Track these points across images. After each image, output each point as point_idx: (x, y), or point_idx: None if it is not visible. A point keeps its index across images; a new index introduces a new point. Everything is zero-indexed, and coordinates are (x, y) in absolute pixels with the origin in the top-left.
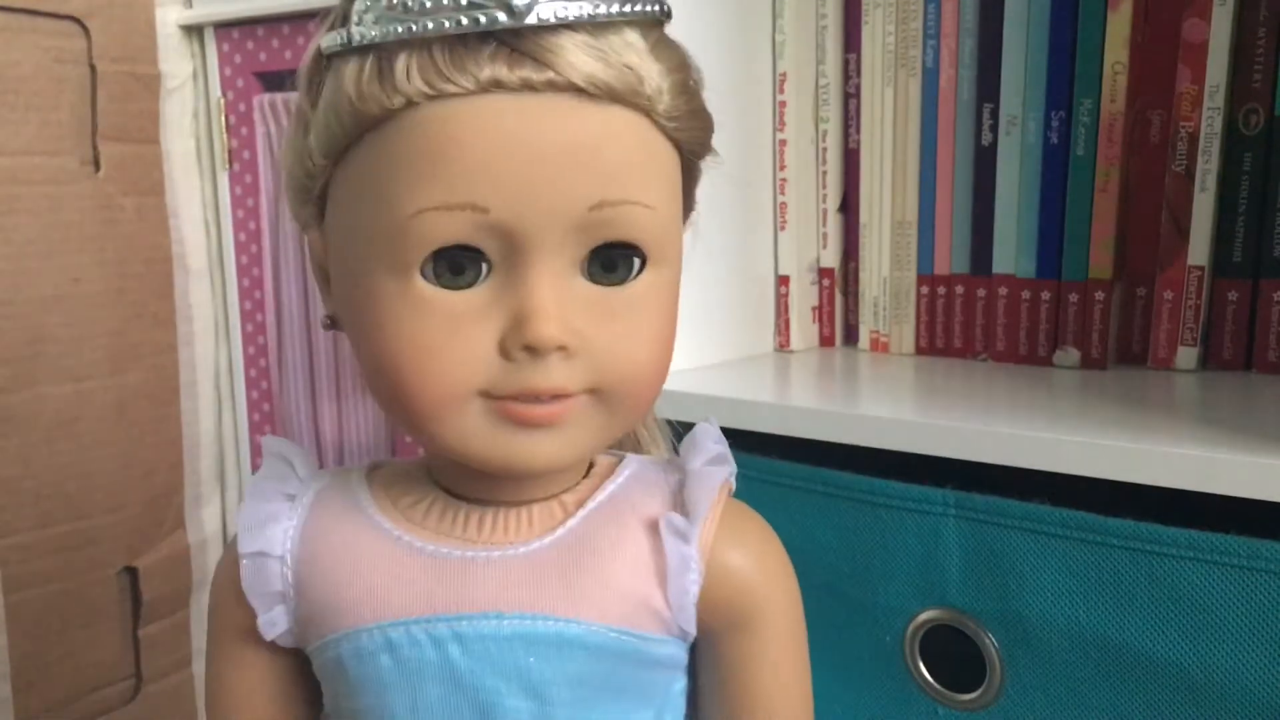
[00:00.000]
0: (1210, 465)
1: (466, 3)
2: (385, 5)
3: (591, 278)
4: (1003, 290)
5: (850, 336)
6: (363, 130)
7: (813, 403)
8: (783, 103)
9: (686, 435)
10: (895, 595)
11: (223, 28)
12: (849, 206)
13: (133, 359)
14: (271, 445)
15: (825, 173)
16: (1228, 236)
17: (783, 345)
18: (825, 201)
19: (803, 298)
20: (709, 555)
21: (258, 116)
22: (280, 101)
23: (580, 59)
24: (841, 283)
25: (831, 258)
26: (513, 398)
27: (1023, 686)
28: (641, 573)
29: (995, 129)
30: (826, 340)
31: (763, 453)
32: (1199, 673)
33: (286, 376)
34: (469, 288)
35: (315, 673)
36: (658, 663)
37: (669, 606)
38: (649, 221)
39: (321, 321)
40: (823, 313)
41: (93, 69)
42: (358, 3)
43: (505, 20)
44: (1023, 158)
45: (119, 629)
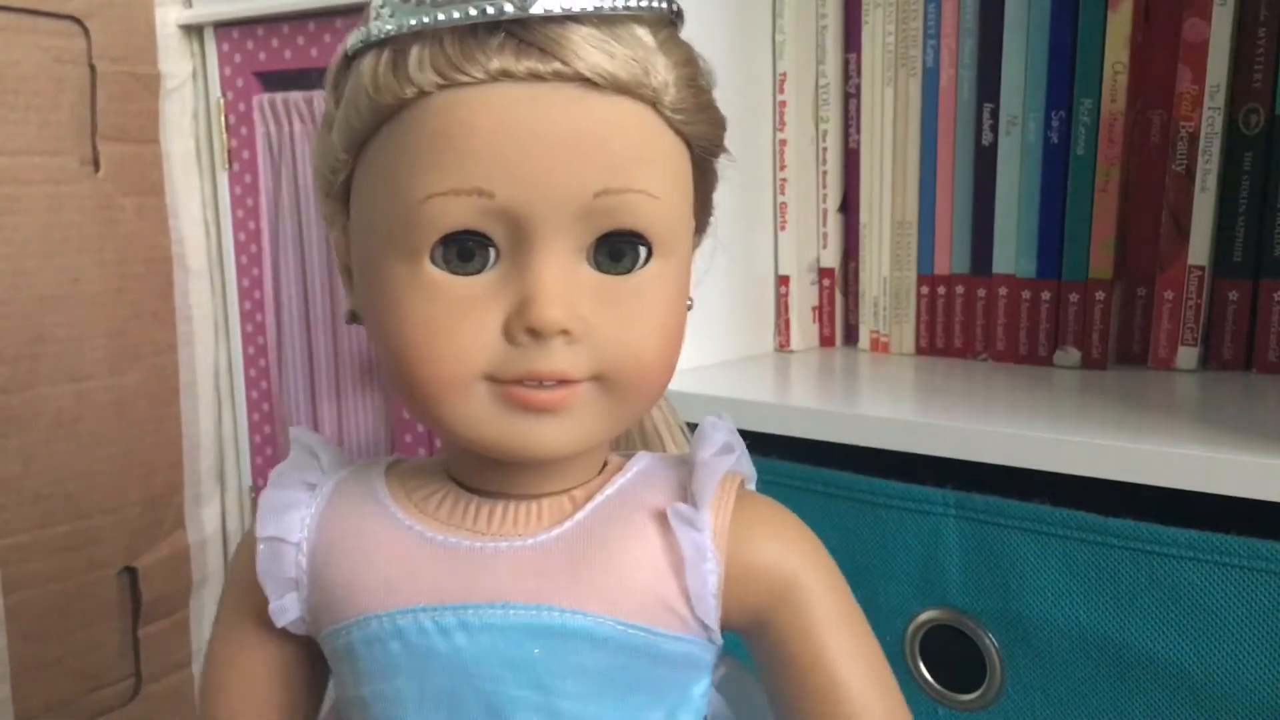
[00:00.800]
0: (1210, 465)
1: None
2: (401, 0)
3: (598, 266)
4: (1003, 290)
5: (850, 336)
6: (379, 121)
7: (813, 403)
8: (783, 103)
9: (695, 431)
10: (895, 595)
11: (222, 27)
12: (849, 206)
13: (132, 359)
14: (299, 436)
15: (825, 173)
16: (1228, 236)
17: (783, 345)
18: (825, 201)
19: (803, 298)
20: (727, 546)
21: (257, 116)
22: (280, 101)
23: (586, 50)
24: (841, 283)
25: (831, 258)
26: (516, 381)
27: (1023, 686)
28: (654, 567)
29: (995, 129)
30: (826, 340)
31: (763, 453)
32: (1199, 672)
33: (286, 376)
34: (477, 274)
35: (327, 659)
36: (671, 660)
37: (687, 599)
38: (654, 211)
39: (345, 317)
40: (823, 313)
41: (92, 69)
42: (376, 0)
43: (511, 11)
44: (1023, 158)
45: (119, 629)
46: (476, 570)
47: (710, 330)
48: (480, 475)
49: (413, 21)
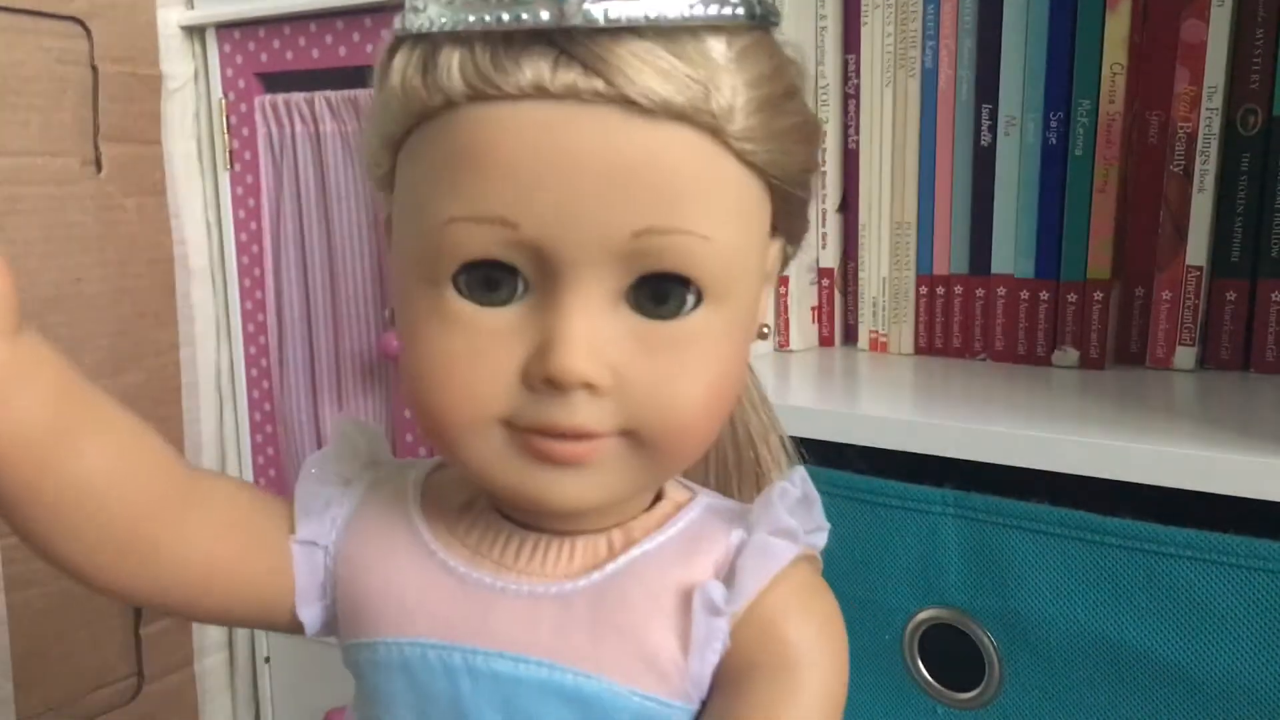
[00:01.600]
0: (1208, 464)
1: None
2: None
3: (638, 308)
4: (1001, 290)
5: (850, 336)
6: (411, 124)
7: (812, 402)
8: None
9: (765, 489)
10: (894, 594)
11: (224, 29)
12: (848, 207)
13: (134, 359)
14: (339, 426)
15: (824, 173)
16: (1226, 237)
17: (782, 345)
18: (824, 201)
19: (802, 298)
20: (739, 626)
21: (259, 117)
22: (281, 102)
23: (635, 68)
24: (841, 283)
25: (831, 258)
26: (535, 431)
27: (1021, 685)
28: (669, 635)
29: (994, 129)
30: (826, 340)
31: None
32: (1197, 671)
33: (287, 376)
34: (503, 305)
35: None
36: None
37: (686, 675)
38: (704, 253)
39: (385, 318)
40: (822, 313)
41: (94, 70)
42: None
43: (548, 19)
44: (1021, 158)
45: (120, 628)
46: (492, 611)
47: None
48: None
49: (444, 20)
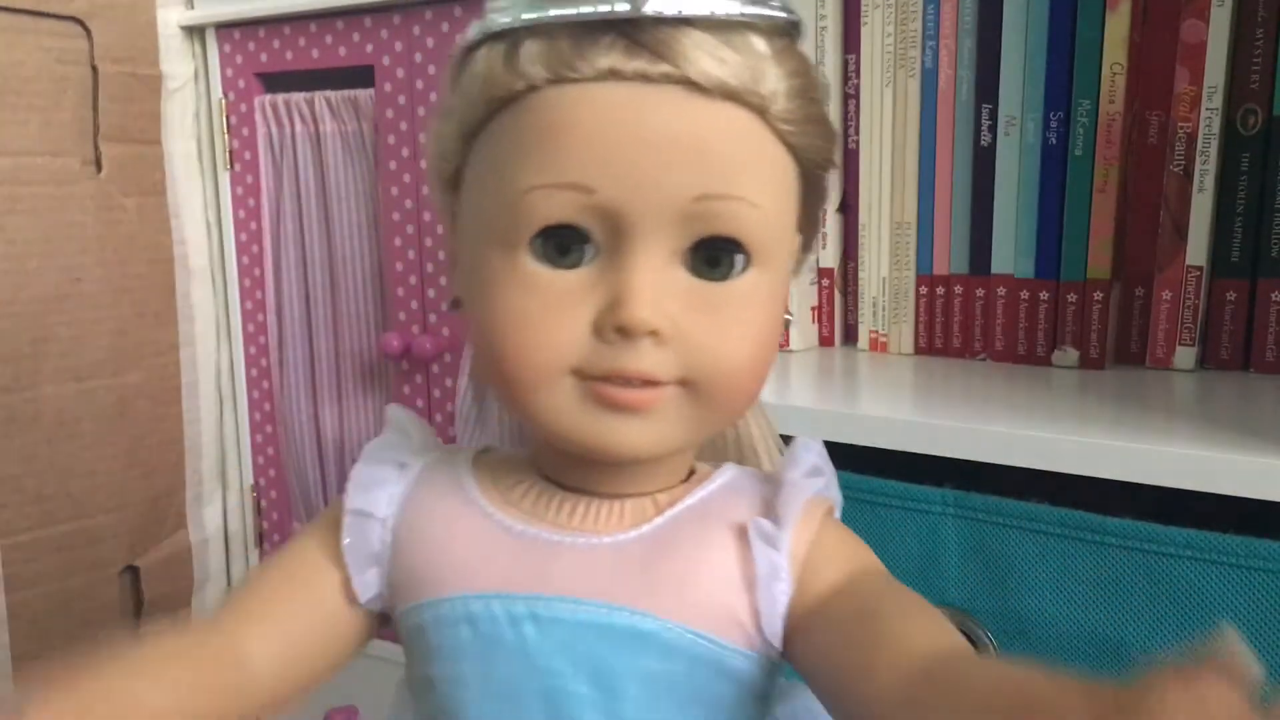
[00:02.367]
0: (1207, 464)
1: None
2: None
3: (694, 271)
4: (1001, 290)
5: (850, 336)
6: (491, 112)
7: (812, 403)
8: None
9: (786, 450)
10: None
11: (224, 29)
12: (848, 207)
13: (134, 359)
14: (394, 414)
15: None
16: (1226, 237)
17: (782, 345)
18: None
19: (802, 298)
20: (801, 573)
21: (259, 117)
22: (281, 102)
23: (697, 54)
24: (841, 283)
25: (831, 258)
26: (603, 378)
27: None
28: (727, 579)
29: (994, 129)
30: (826, 340)
31: None
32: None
33: (287, 376)
34: (573, 268)
35: (400, 639)
36: (734, 677)
37: (755, 615)
38: (754, 219)
39: (447, 304)
40: (822, 313)
41: (94, 70)
42: None
43: (624, 10)
44: (1021, 158)
45: (120, 628)
46: (551, 562)
47: None
48: (566, 471)
49: (527, 16)
